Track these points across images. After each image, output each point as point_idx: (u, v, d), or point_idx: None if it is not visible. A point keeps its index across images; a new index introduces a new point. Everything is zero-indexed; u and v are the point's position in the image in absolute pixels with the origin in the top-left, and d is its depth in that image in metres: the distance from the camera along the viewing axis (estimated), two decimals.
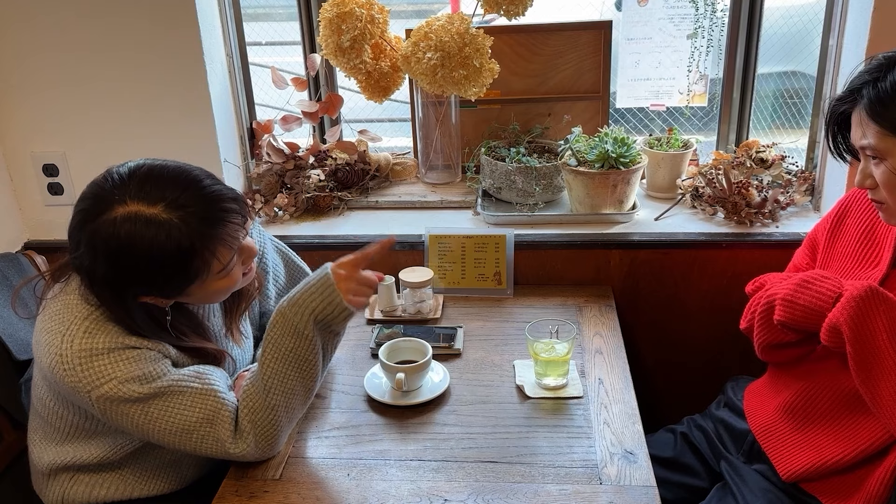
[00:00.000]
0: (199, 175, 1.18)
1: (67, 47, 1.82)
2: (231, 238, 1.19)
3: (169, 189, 1.14)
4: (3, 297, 1.56)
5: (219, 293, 1.26)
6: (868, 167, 1.23)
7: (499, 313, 1.72)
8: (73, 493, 1.31)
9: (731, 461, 1.41)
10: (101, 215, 1.13)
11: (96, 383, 1.15)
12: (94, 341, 1.16)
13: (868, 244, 1.36)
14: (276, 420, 1.23)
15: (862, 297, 1.16)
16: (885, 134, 1.16)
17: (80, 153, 1.92)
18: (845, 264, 1.38)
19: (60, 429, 1.28)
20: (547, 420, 1.36)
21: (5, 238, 1.92)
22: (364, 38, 1.78)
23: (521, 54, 2.01)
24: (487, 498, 1.19)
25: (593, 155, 1.81)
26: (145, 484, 1.32)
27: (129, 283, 1.15)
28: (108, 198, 1.13)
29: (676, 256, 1.80)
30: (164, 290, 1.19)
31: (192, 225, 1.13)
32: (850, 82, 1.23)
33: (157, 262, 1.13)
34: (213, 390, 1.22)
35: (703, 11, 1.92)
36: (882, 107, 1.16)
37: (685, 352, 1.92)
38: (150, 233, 1.11)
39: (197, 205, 1.14)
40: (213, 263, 1.18)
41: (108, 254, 1.13)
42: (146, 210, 1.12)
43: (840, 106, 1.25)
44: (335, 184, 2.02)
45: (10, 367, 1.49)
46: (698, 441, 1.51)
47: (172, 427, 1.19)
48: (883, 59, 1.20)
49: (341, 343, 1.61)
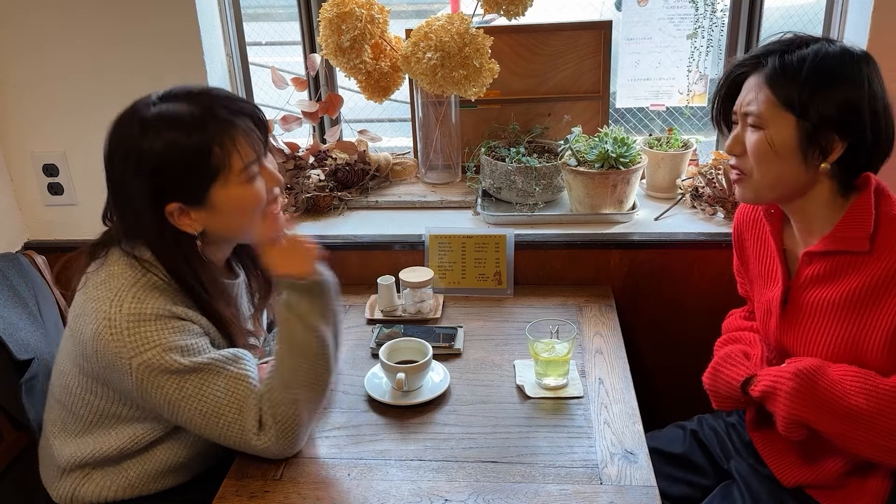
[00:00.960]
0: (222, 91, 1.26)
1: (67, 47, 1.82)
2: (251, 134, 1.21)
3: (192, 91, 1.22)
4: (3, 297, 1.56)
5: (244, 213, 1.23)
6: (742, 134, 1.23)
7: (499, 313, 1.72)
8: (84, 492, 1.31)
9: (740, 462, 1.41)
10: (131, 117, 1.20)
11: (140, 349, 1.17)
12: (143, 306, 1.18)
13: (765, 262, 1.37)
14: (298, 414, 1.24)
15: (798, 388, 1.17)
16: (774, 103, 1.17)
17: (80, 153, 1.92)
18: (758, 285, 1.39)
19: (83, 417, 1.29)
20: (547, 420, 1.36)
21: (5, 238, 1.92)
22: (364, 38, 1.79)
23: (521, 54, 2.01)
24: (488, 498, 1.19)
25: (593, 155, 1.81)
26: (150, 485, 1.33)
27: (156, 181, 1.17)
28: (136, 106, 1.21)
29: (676, 256, 1.80)
30: (190, 187, 1.19)
31: (211, 110, 1.18)
32: (757, 49, 1.24)
33: (181, 147, 1.16)
34: (247, 377, 1.23)
35: (702, 11, 1.92)
36: (782, 76, 1.16)
37: (685, 351, 1.92)
38: (173, 108, 1.18)
39: (217, 99, 1.20)
40: (233, 156, 1.18)
41: (136, 145, 1.17)
42: (171, 104, 1.19)
43: (740, 69, 1.25)
44: (335, 184, 2.02)
45: (11, 367, 1.49)
46: (709, 440, 1.50)
47: (203, 407, 1.20)
48: (795, 37, 1.21)
49: (341, 343, 1.62)
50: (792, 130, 1.17)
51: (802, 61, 1.16)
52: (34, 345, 1.52)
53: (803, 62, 1.16)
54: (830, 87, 1.14)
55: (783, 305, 1.30)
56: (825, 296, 1.23)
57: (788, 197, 1.25)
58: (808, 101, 1.15)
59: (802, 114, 1.15)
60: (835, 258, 1.22)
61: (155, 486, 1.34)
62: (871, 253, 1.18)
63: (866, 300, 1.18)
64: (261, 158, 1.25)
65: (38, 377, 1.48)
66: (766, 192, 1.24)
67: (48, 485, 1.37)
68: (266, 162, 1.27)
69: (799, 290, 1.27)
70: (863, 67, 1.16)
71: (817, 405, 1.16)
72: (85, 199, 1.96)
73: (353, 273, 1.87)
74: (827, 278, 1.23)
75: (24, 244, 1.97)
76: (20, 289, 1.61)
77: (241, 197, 1.22)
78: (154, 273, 1.22)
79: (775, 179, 1.21)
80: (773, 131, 1.18)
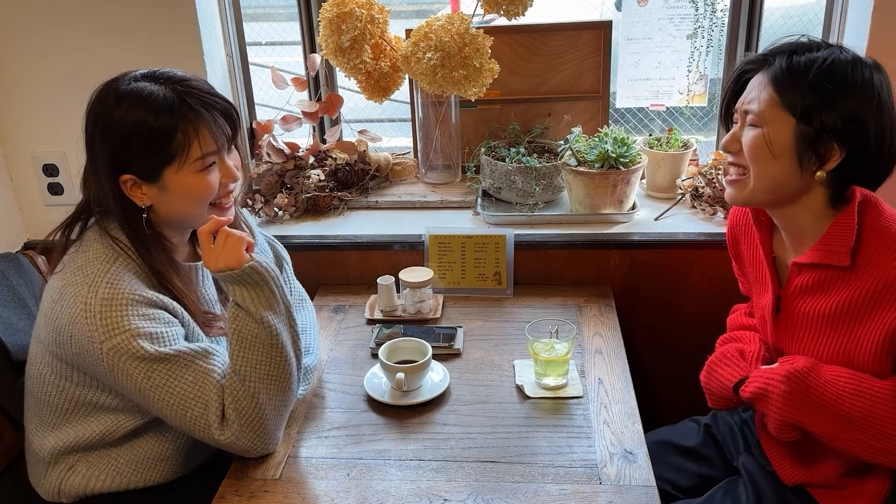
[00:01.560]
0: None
1: (67, 47, 1.82)
2: (216, 128, 1.25)
3: (174, 77, 1.26)
4: (2, 298, 1.56)
5: (191, 200, 1.27)
6: (740, 133, 1.22)
7: (499, 313, 1.72)
8: (70, 484, 1.32)
9: (748, 458, 1.41)
10: (110, 87, 1.26)
11: (111, 333, 1.19)
12: (116, 290, 1.21)
13: (757, 268, 1.36)
14: (260, 407, 1.24)
15: (790, 391, 1.16)
16: (776, 103, 1.16)
17: (80, 153, 1.90)
18: (755, 290, 1.39)
19: (59, 406, 1.30)
20: (547, 420, 1.36)
21: (5, 238, 1.93)
22: (364, 38, 1.79)
23: (521, 54, 2.01)
24: (487, 498, 1.19)
25: (593, 155, 1.81)
26: (140, 476, 1.34)
27: (117, 151, 1.22)
28: (118, 78, 1.27)
29: (676, 256, 1.80)
30: (145, 164, 1.23)
31: (184, 98, 1.23)
32: (767, 48, 1.23)
33: (146, 126, 1.20)
34: (213, 372, 1.24)
35: (702, 11, 1.92)
36: (788, 77, 1.15)
37: (685, 352, 1.91)
38: (149, 88, 1.23)
39: (193, 90, 1.25)
40: (193, 144, 1.23)
41: (108, 114, 1.22)
42: (149, 84, 1.24)
43: (748, 66, 1.24)
44: (335, 184, 2.02)
45: (10, 367, 1.49)
46: (722, 435, 1.50)
47: (171, 399, 1.22)
48: (806, 41, 1.20)
49: (341, 343, 1.62)
50: (790, 132, 1.16)
51: (811, 65, 1.14)
52: None
53: (811, 66, 1.14)
54: (835, 95, 1.13)
55: (776, 313, 1.29)
56: (815, 307, 1.22)
57: (780, 202, 1.23)
58: (811, 106, 1.13)
59: (803, 118, 1.14)
60: (822, 270, 1.21)
61: (144, 477, 1.34)
62: (853, 267, 1.17)
63: (855, 313, 1.18)
64: (221, 152, 1.28)
65: None
66: (759, 195, 1.23)
67: (35, 483, 1.37)
68: (227, 157, 1.30)
69: (790, 299, 1.27)
70: (874, 79, 1.14)
71: (809, 407, 1.16)
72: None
73: (353, 273, 1.87)
74: (816, 289, 1.23)
75: (24, 244, 1.97)
76: (20, 289, 1.61)
77: (190, 184, 1.26)
78: (128, 255, 1.26)
79: (769, 181, 1.20)
80: (771, 130, 1.17)
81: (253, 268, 1.25)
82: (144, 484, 1.34)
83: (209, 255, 1.25)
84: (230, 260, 1.24)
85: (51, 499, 1.34)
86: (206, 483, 1.31)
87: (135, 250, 1.26)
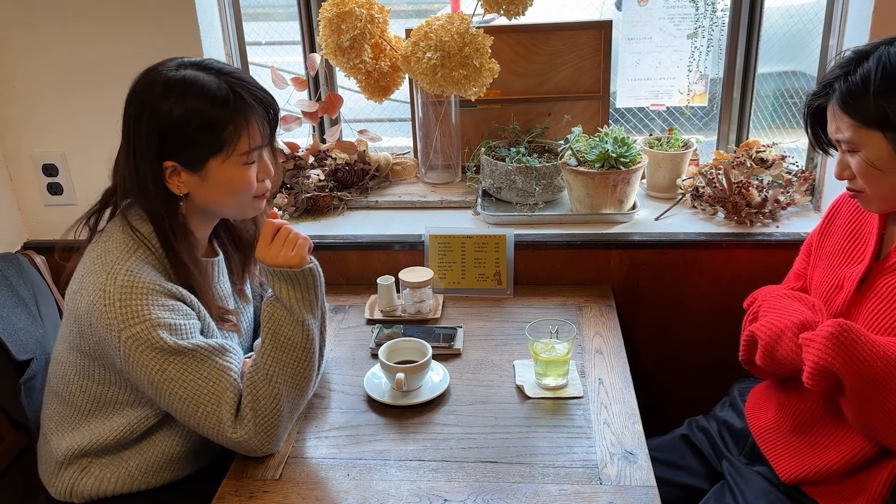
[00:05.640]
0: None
1: (67, 48, 1.82)
2: (262, 123, 1.26)
3: (224, 70, 1.26)
4: (2, 298, 1.56)
5: (230, 191, 1.27)
6: (845, 159, 1.24)
7: (499, 313, 1.72)
8: (83, 486, 1.32)
9: (732, 461, 1.41)
10: (156, 76, 1.23)
11: (130, 321, 1.19)
12: (136, 279, 1.21)
13: (854, 241, 1.36)
14: (279, 409, 1.24)
15: (837, 334, 1.16)
16: (858, 126, 1.18)
17: (80, 153, 1.92)
18: (832, 262, 1.38)
19: (81, 407, 1.30)
20: (547, 420, 1.36)
21: (5, 238, 1.92)
22: (364, 37, 1.78)
23: (521, 54, 2.01)
24: (487, 498, 1.19)
25: (593, 155, 1.81)
26: (150, 478, 1.34)
27: (163, 138, 1.21)
28: (160, 66, 1.25)
29: (676, 256, 1.80)
30: (192, 153, 1.23)
31: (237, 90, 1.23)
32: (823, 77, 1.25)
33: (199, 115, 1.20)
34: (230, 370, 1.25)
35: (703, 11, 1.92)
36: (853, 99, 1.17)
37: (685, 351, 1.92)
38: (203, 78, 1.22)
39: (245, 83, 1.25)
40: (242, 137, 1.23)
41: (156, 103, 1.20)
42: (200, 73, 1.23)
43: (814, 101, 1.26)
44: (335, 184, 2.02)
45: (11, 367, 1.49)
46: (700, 442, 1.50)
47: (183, 393, 1.22)
48: (852, 54, 1.21)
49: (341, 343, 1.62)
50: (885, 144, 1.17)
51: (867, 78, 1.16)
52: (33, 345, 1.52)
53: (868, 79, 1.16)
54: None
55: (860, 283, 1.29)
56: None
57: None
58: (885, 111, 1.15)
59: (886, 126, 1.16)
60: None
61: (155, 479, 1.34)
62: None
63: None
64: (264, 147, 1.30)
65: (38, 377, 1.48)
66: (885, 204, 1.26)
67: (46, 482, 1.37)
68: (265, 153, 1.31)
69: (880, 273, 1.27)
70: None
71: (849, 357, 1.15)
72: (85, 199, 1.94)
73: (353, 273, 1.87)
74: None
75: (24, 244, 1.97)
76: (20, 289, 1.62)
77: (233, 176, 1.26)
78: (148, 247, 1.25)
79: (886, 191, 1.22)
80: (868, 152, 1.19)
81: (311, 270, 1.27)
82: (154, 485, 1.35)
83: (268, 248, 1.27)
84: (292, 258, 1.26)
85: (62, 498, 1.34)
86: (214, 483, 1.31)
87: (159, 240, 1.26)
